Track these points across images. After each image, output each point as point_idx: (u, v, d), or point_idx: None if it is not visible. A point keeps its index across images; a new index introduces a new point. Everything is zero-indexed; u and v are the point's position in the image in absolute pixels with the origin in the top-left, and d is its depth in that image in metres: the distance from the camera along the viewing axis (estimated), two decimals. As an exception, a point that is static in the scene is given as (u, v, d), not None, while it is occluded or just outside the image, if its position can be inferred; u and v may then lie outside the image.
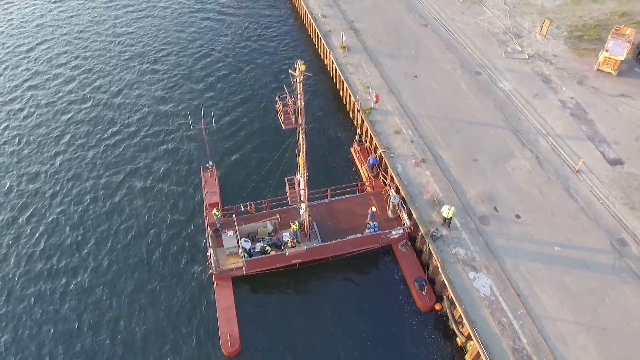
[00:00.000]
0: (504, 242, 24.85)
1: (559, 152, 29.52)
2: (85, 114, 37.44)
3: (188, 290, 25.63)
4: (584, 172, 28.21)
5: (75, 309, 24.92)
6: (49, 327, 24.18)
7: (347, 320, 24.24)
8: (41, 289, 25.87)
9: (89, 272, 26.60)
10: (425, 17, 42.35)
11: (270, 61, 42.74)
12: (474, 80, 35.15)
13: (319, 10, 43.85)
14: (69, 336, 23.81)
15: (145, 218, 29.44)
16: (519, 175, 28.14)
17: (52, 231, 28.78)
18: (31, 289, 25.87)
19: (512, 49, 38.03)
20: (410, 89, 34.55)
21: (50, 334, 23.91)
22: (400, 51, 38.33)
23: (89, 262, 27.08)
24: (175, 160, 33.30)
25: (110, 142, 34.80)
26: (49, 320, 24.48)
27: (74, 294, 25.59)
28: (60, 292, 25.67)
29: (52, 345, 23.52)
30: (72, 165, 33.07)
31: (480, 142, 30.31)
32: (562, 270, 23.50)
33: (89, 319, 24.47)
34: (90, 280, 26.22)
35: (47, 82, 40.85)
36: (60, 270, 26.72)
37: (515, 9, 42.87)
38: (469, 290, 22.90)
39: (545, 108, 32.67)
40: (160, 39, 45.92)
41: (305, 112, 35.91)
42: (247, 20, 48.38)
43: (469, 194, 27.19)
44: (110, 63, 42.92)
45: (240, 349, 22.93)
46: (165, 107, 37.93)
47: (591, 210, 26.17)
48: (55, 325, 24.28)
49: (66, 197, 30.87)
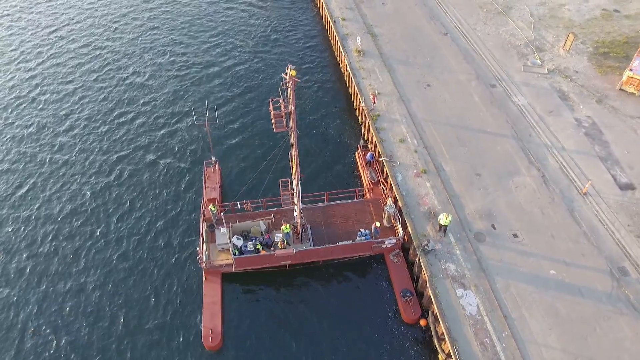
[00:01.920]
0: (497, 261, 24.24)
1: (567, 172, 28.54)
2: (105, 92, 38.90)
3: (179, 281, 26.10)
4: (591, 195, 27.19)
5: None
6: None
7: (330, 326, 24.16)
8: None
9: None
10: (446, 25, 41.69)
11: (287, 61, 42.87)
12: (487, 93, 34.38)
13: (339, 12, 43.80)
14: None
15: (142, 204, 30.19)
16: (522, 194, 27.37)
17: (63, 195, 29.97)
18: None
19: (532, 62, 36.98)
20: (421, 98, 34.10)
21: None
22: (416, 59, 37.87)
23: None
24: (180, 154, 33.93)
25: (115, 127, 35.89)
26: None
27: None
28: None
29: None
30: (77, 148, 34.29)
31: (486, 156, 29.63)
32: (555, 295, 22.73)
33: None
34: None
35: (58, 67, 42.40)
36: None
37: (541, 22, 41.67)
38: (455, 307, 22.45)
39: (559, 125, 31.64)
40: (182, 31, 46.81)
41: (315, 115, 36.97)
42: (270, 19, 48.71)
43: (468, 209, 26.64)
44: (133, 51, 44.17)
45: (221, 344, 23.22)
46: (178, 100, 38.68)
47: (594, 235, 25.20)
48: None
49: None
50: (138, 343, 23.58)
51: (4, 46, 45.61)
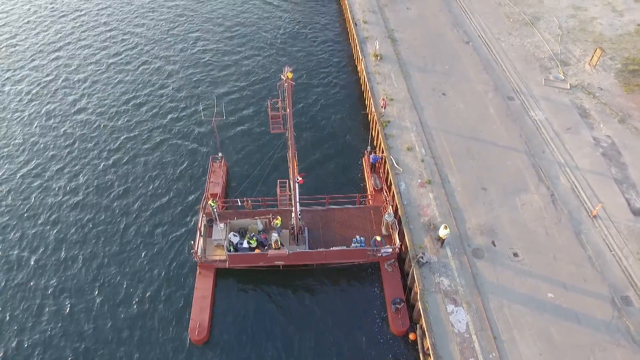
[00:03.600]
0: (493, 279, 23.57)
1: (578, 193, 27.48)
2: (128, 75, 39.93)
3: (175, 273, 26.52)
4: (601, 219, 26.09)
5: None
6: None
7: (317, 330, 24.04)
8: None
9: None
10: (469, 33, 40.81)
11: (304, 61, 42.84)
12: (504, 105, 33.46)
13: (362, 15, 43.50)
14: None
15: (145, 193, 30.82)
16: (528, 212, 26.51)
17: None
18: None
19: (555, 76, 35.75)
20: (434, 106, 33.50)
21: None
22: (434, 66, 37.22)
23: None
24: (187, 147, 34.42)
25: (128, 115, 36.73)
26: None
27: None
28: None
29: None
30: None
31: (495, 170, 28.84)
32: (550, 320, 21.92)
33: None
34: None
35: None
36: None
37: (569, 35, 40.25)
38: (443, 323, 21.96)
39: (575, 144, 30.50)
40: (204, 27, 47.48)
41: (326, 116, 36.79)
42: (294, 19, 48.82)
43: (469, 224, 26.00)
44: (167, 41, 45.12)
45: (208, 338, 23.45)
46: (188, 93, 39.21)
47: (599, 261, 24.17)
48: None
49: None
50: (123, 330, 24.11)
51: (41, 30, 47.35)
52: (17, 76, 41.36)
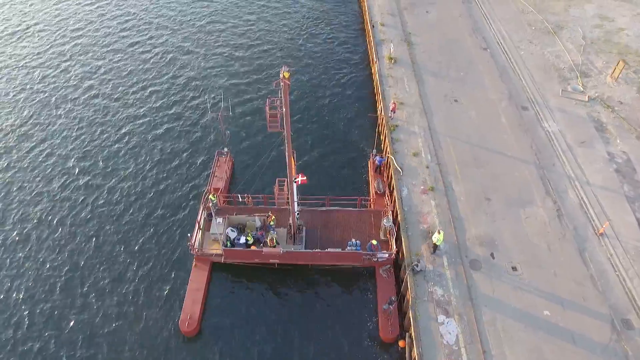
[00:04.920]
0: (489, 291, 23.03)
1: (586, 209, 26.60)
2: (147, 62, 40.74)
3: (173, 265, 26.89)
4: (607, 237, 25.19)
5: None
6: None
7: (307, 331, 23.94)
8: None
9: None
10: (488, 40, 40.02)
11: (320, 60, 42.69)
12: (517, 115, 32.67)
13: (380, 17, 43.18)
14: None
15: (150, 185, 31.31)
16: (532, 225, 25.81)
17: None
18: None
19: (573, 88, 34.70)
20: (445, 113, 32.97)
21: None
22: (449, 72, 36.64)
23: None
24: (193, 141, 34.81)
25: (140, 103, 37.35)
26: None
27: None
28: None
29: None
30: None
31: (501, 181, 28.19)
32: (544, 338, 21.28)
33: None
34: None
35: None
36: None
37: (593, 45, 39.01)
38: (433, 333, 21.58)
39: (588, 158, 29.54)
40: (223, 16, 47.91)
41: (336, 117, 36.61)
42: (315, 16, 48.75)
43: (469, 234, 25.49)
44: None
45: (198, 331, 23.67)
46: (197, 88, 39.63)
47: (601, 280, 23.34)
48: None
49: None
50: (113, 319, 24.60)
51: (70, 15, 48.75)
52: (41, 58, 42.63)
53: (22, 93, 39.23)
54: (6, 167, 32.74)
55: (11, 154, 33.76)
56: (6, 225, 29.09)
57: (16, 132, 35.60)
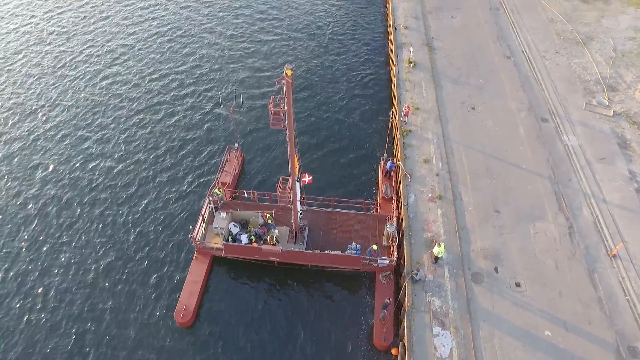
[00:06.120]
0: (488, 306, 22.35)
1: (600, 228, 25.52)
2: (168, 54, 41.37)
3: (175, 255, 27.19)
4: (620, 259, 24.09)
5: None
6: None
7: (301, 331, 23.78)
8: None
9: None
10: (512, 48, 38.94)
11: (342, 59, 42.37)
12: (536, 127, 31.65)
13: (403, 20, 42.61)
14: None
15: (159, 176, 31.72)
16: (540, 241, 24.93)
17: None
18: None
19: (598, 102, 33.39)
20: (460, 120, 32.24)
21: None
22: (469, 78, 35.83)
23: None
24: (205, 135, 35.11)
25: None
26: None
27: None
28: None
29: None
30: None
31: (512, 194, 27.34)
32: (543, 359, 20.49)
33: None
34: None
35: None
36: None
37: (624, 58, 37.47)
38: (426, 345, 21.08)
39: (607, 175, 28.35)
40: (250, 10, 48.25)
41: (351, 118, 36.25)
42: (340, 15, 48.52)
43: (474, 246, 24.81)
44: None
45: (192, 322, 23.83)
46: (216, 82, 39.92)
47: (610, 304, 22.32)
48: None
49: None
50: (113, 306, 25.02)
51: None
52: (72, 42, 43.94)
53: (46, 76, 40.47)
54: (27, 146, 33.85)
55: (34, 133, 34.83)
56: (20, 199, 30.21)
57: (41, 110, 36.83)
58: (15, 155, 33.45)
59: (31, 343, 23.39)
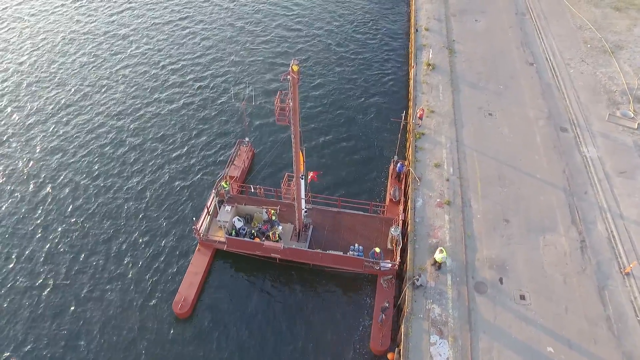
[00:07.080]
0: (490, 317, 21.71)
1: (614, 244, 24.52)
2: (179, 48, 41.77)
3: (180, 246, 27.35)
4: (634, 277, 23.09)
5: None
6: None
7: (298, 330, 23.58)
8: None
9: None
10: (536, 55, 37.85)
11: (362, 60, 41.90)
12: (554, 136, 30.66)
13: (425, 22, 41.91)
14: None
15: (169, 168, 31.94)
16: (549, 254, 24.10)
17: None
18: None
19: (623, 113, 32.14)
20: (476, 126, 31.49)
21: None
22: (488, 84, 34.98)
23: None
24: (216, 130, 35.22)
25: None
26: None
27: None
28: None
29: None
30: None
31: (524, 203, 26.53)
32: (543, 376, 19.82)
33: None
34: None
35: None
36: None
37: (653, 70, 35.99)
38: (422, 353, 20.60)
39: (626, 189, 27.24)
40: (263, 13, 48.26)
41: (366, 118, 35.82)
42: (364, 15, 48.04)
43: (479, 254, 24.16)
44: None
45: (190, 314, 23.90)
46: (232, 78, 39.99)
47: (619, 324, 21.39)
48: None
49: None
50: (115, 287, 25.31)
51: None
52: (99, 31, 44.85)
53: (83, 56, 41.65)
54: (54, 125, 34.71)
55: (51, 120, 35.61)
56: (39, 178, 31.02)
57: (60, 94, 37.70)
58: (36, 137, 34.30)
59: (32, 326, 23.84)
